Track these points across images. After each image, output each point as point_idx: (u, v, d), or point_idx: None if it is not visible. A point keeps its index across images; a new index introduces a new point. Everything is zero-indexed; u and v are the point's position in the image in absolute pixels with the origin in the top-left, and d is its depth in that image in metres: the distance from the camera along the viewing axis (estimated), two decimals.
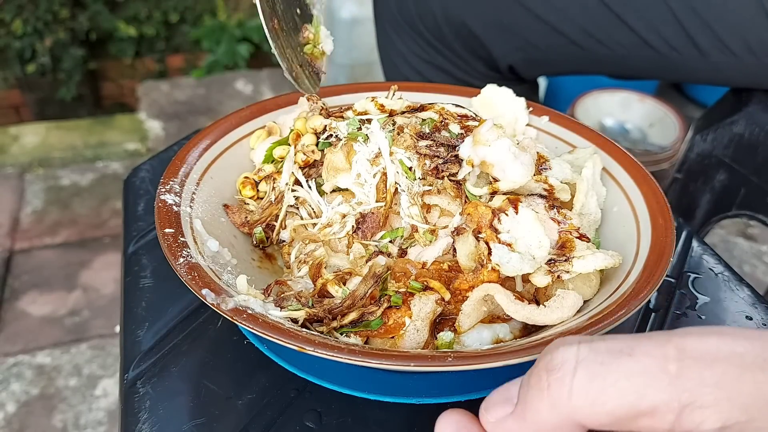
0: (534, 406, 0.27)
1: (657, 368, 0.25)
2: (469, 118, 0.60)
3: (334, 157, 0.56)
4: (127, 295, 0.60)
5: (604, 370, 0.25)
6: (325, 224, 0.55)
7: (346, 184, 0.56)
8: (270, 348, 0.51)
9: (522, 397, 0.28)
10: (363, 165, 0.55)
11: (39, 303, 1.71)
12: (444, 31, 0.98)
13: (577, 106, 1.82)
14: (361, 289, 0.47)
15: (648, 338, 0.26)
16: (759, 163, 0.89)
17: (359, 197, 0.55)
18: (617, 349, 0.26)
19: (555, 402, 0.26)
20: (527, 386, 0.28)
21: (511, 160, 0.50)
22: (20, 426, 1.41)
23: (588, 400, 0.25)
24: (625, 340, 0.26)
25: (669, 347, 0.25)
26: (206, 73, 2.63)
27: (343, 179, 0.56)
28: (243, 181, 0.59)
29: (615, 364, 0.25)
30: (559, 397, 0.26)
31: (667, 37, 0.85)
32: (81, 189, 2.15)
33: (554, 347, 0.27)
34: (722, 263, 0.65)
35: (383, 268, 0.48)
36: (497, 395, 0.30)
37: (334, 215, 0.55)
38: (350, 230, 0.54)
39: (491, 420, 0.29)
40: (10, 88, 2.45)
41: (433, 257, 0.51)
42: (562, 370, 0.26)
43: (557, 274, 0.47)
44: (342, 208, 0.55)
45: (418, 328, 0.47)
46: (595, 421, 0.26)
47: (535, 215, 0.50)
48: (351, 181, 0.55)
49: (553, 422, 0.26)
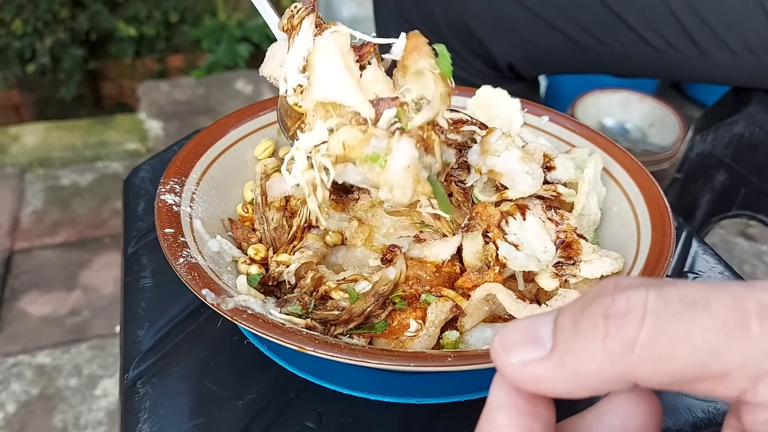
0: (583, 355, 0.23)
1: (736, 325, 0.21)
2: (464, 122, 0.60)
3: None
4: (127, 295, 0.60)
5: (677, 323, 0.22)
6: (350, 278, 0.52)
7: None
8: (270, 348, 0.51)
9: (564, 341, 0.24)
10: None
11: (39, 303, 1.71)
12: (443, 29, 0.98)
13: (577, 106, 1.82)
14: (360, 306, 0.47)
15: (723, 289, 0.22)
16: (759, 163, 0.89)
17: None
18: (691, 299, 0.22)
19: (613, 354, 0.22)
20: (576, 330, 0.23)
21: (520, 170, 0.51)
22: (20, 426, 1.40)
23: (654, 355, 0.22)
24: (697, 289, 0.22)
25: (750, 302, 0.21)
26: (206, 73, 2.63)
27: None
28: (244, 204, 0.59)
29: (689, 317, 0.22)
30: (620, 349, 0.22)
31: (665, 35, 0.85)
32: (81, 189, 2.15)
33: (616, 289, 0.23)
34: (722, 263, 0.65)
35: (389, 285, 0.48)
36: (517, 333, 0.25)
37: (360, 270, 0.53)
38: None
39: (513, 362, 0.25)
40: (10, 88, 2.44)
41: (449, 254, 0.51)
42: (628, 318, 0.22)
43: (565, 278, 0.47)
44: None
45: (430, 334, 0.47)
46: (656, 380, 0.22)
47: (541, 223, 0.50)
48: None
49: (604, 376, 0.23)
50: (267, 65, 0.50)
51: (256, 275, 0.52)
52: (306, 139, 0.45)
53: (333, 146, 0.43)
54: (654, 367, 0.22)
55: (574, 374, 0.23)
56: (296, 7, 0.47)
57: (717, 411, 0.50)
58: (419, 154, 0.41)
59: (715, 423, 0.49)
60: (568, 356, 0.24)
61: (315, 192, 0.45)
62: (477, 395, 0.49)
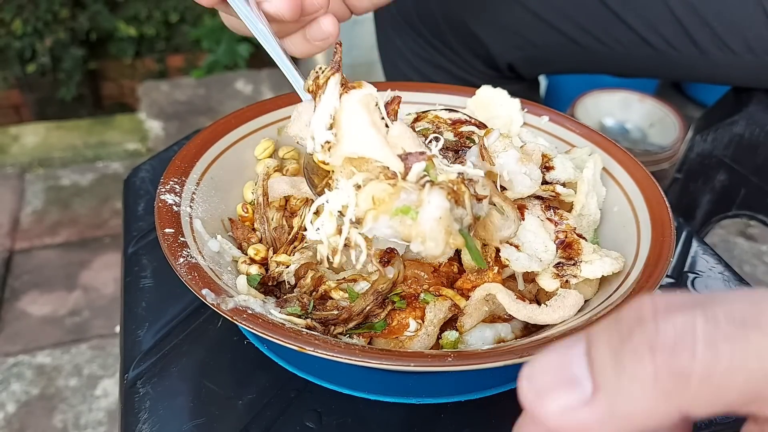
0: (632, 396, 0.21)
1: None
2: (463, 122, 0.60)
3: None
4: (127, 295, 0.60)
5: (731, 348, 0.20)
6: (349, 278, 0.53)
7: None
8: (270, 348, 0.51)
9: (607, 382, 0.21)
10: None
11: (39, 303, 1.71)
12: (443, 29, 0.98)
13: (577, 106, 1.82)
14: (360, 305, 0.47)
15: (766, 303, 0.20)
16: (759, 163, 0.89)
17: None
18: (740, 319, 0.20)
19: (666, 391, 0.20)
20: (619, 367, 0.21)
21: (518, 171, 0.51)
22: (20, 426, 1.41)
23: (710, 387, 0.20)
24: (742, 305, 0.21)
25: None
26: (206, 73, 2.63)
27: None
28: (243, 204, 0.59)
29: (742, 339, 0.20)
30: (673, 386, 0.20)
31: (665, 35, 0.85)
32: (81, 189, 2.15)
33: (657, 313, 0.21)
34: (722, 263, 0.65)
35: (388, 284, 0.48)
36: (548, 374, 0.23)
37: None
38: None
39: (554, 409, 0.22)
40: (10, 88, 2.44)
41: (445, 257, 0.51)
42: (678, 349, 0.20)
43: (565, 279, 0.48)
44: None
45: (429, 333, 0.47)
46: (710, 411, 0.21)
47: (540, 222, 0.50)
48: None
49: (656, 416, 0.21)
50: (294, 125, 0.51)
51: (256, 275, 0.52)
52: (334, 198, 0.45)
53: (362, 201, 0.43)
54: (710, 399, 0.20)
55: (624, 418, 0.21)
56: (321, 69, 0.48)
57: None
58: (450, 206, 0.41)
59: (715, 423, 0.49)
60: (616, 399, 0.21)
61: (333, 255, 0.46)
62: (477, 395, 0.49)
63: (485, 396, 0.49)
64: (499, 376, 0.49)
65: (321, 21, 0.53)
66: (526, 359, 0.39)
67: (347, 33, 2.27)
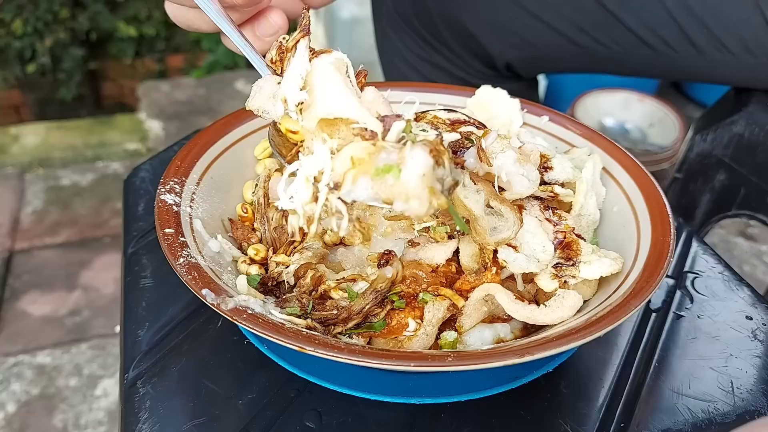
0: None
1: None
2: (462, 122, 0.60)
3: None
4: (127, 295, 0.60)
5: None
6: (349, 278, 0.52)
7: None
8: (270, 348, 0.51)
9: None
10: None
11: (39, 303, 1.71)
12: (441, 29, 0.98)
13: (577, 106, 1.82)
14: (359, 304, 0.47)
15: None
16: (759, 163, 0.89)
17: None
18: None
19: None
20: None
21: (516, 172, 0.51)
22: (20, 426, 1.41)
23: None
24: None
25: None
26: (206, 73, 2.63)
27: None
28: (243, 204, 0.59)
29: None
30: None
31: (663, 35, 0.85)
32: (81, 189, 2.15)
33: None
34: (722, 263, 0.65)
35: (387, 283, 0.48)
36: None
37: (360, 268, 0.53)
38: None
39: None
40: (10, 88, 2.45)
41: (444, 258, 0.51)
42: None
43: (564, 279, 0.47)
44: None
45: (428, 333, 0.47)
46: None
47: (538, 222, 0.50)
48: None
49: None
50: (255, 99, 0.49)
51: (256, 275, 0.52)
52: (309, 163, 0.43)
53: (339, 164, 0.42)
54: None
55: None
56: (284, 38, 0.47)
57: (717, 411, 0.50)
58: (432, 163, 0.40)
59: (715, 423, 0.49)
60: None
61: (309, 224, 0.44)
62: (477, 395, 0.49)
63: (485, 396, 0.49)
64: (499, 376, 0.49)
65: (269, 16, 0.52)
66: (525, 359, 0.39)
67: (347, 33, 2.27)
